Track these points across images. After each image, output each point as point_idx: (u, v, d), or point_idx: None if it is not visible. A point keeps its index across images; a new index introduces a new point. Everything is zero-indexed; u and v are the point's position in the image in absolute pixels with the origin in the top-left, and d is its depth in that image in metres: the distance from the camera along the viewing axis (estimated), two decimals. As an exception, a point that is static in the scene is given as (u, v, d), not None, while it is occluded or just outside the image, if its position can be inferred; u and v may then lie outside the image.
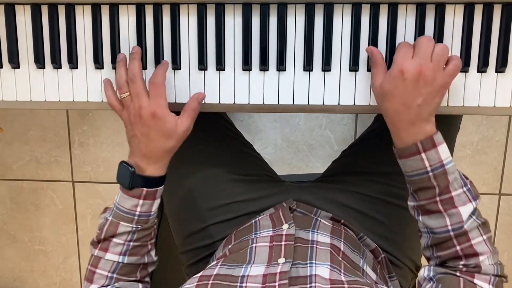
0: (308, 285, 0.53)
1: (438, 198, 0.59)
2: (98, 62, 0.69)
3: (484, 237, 0.59)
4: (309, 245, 0.63)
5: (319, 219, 0.72)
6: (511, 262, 1.63)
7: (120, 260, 0.66)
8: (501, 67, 0.65)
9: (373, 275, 0.65)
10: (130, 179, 0.64)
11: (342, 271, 0.57)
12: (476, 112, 0.67)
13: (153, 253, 0.71)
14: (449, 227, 0.59)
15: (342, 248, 0.64)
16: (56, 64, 0.69)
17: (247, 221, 0.76)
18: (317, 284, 0.53)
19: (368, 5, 0.65)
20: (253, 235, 0.69)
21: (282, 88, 0.68)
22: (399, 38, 0.66)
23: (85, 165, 1.70)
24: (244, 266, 0.59)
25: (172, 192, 0.84)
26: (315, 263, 0.58)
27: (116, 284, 0.66)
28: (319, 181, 0.85)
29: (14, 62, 0.70)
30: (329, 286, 0.52)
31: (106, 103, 0.70)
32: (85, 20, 0.68)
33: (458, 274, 0.59)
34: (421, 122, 0.58)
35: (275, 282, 0.54)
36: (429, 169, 0.58)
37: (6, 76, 0.71)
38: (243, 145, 0.86)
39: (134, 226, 0.66)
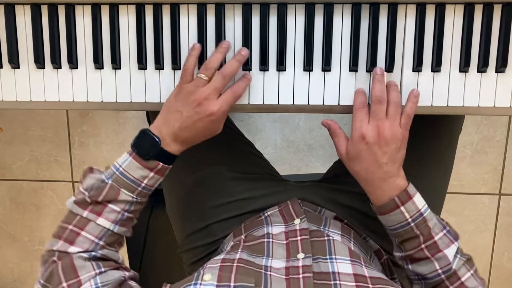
0: (332, 282, 0.54)
1: (423, 245, 0.63)
2: (98, 62, 0.69)
3: (472, 271, 0.63)
4: (326, 238, 0.63)
5: (328, 217, 0.72)
6: (511, 262, 1.63)
7: (111, 228, 0.63)
8: (501, 67, 0.65)
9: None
10: (153, 150, 0.63)
11: (363, 263, 0.58)
12: (476, 112, 0.67)
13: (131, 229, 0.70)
14: (439, 271, 0.63)
15: (352, 248, 0.64)
16: (56, 64, 0.69)
17: (251, 217, 0.76)
18: (341, 282, 0.53)
19: (368, 5, 0.65)
20: (265, 227, 0.68)
21: (282, 88, 0.68)
22: (399, 38, 0.66)
23: (85, 165, 1.70)
24: (264, 257, 0.59)
25: (174, 190, 0.84)
26: (335, 258, 0.58)
27: (99, 251, 0.63)
28: (321, 181, 0.85)
29: (14, 62, 0.70)
30: (354, 283, 0.53)
31: (106, 103, 0.70)
32: (85, 20, 0.68)
33: None
34: (391, 178, 0.62)
35: (298, 274, 0.55)
36: (410, 220, 0.62)
37: (6, 76, 0.71)
38: (244, 144, 0.86)
39: (135, 197, 0.64)
